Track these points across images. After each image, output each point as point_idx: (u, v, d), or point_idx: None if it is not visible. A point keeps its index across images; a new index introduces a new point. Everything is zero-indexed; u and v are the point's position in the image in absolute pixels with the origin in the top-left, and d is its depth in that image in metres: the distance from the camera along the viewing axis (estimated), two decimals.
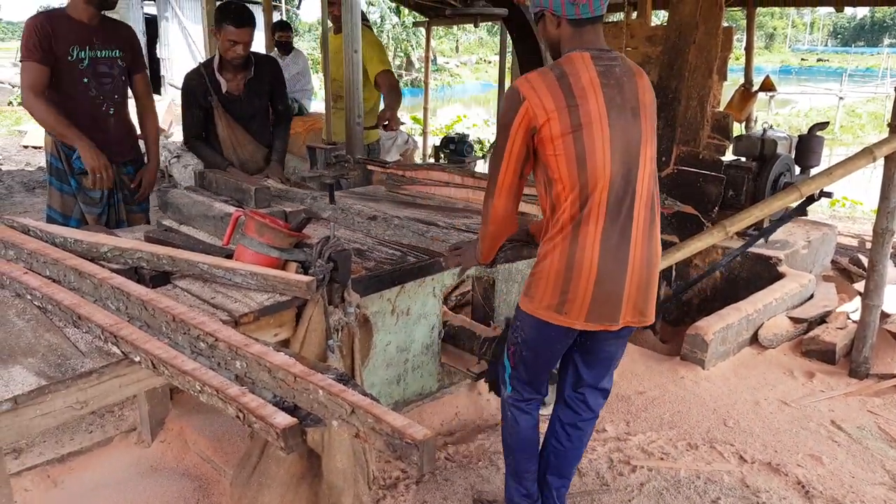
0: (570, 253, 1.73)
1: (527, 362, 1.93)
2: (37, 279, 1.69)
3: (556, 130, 1.66)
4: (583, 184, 1.69)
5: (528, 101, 1.67)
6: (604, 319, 1.78)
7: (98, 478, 2.29)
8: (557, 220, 1.75)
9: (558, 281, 1.75)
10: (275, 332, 1.75)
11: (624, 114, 1.71)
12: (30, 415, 1.31)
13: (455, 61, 28.71)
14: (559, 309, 1.77)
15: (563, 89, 1.66)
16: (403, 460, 1.07)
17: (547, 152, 1.70)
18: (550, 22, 1.75)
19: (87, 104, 2.87)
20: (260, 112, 3.28)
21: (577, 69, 1.69)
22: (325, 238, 1.76)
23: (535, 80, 1.69)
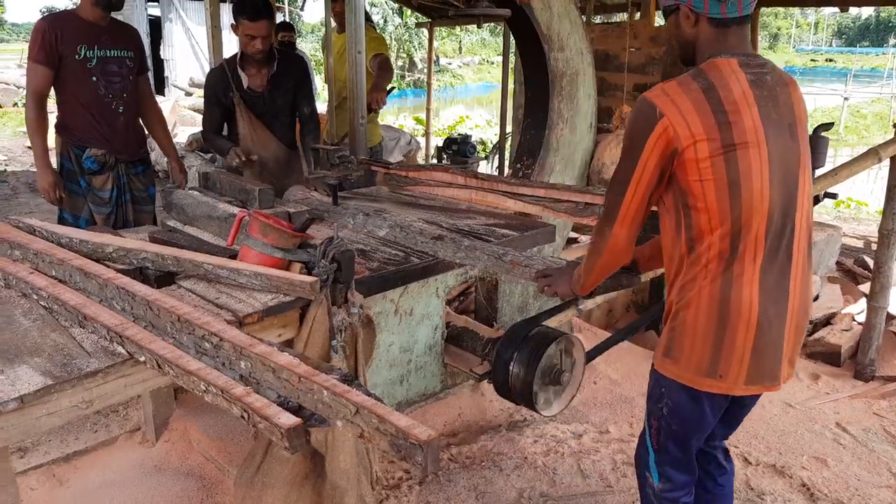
0: (723, 298, 1.45)
1: (677, 437, 1.62)
2: (43, 279, 1.70)
3: (703, 153, 1.40)
4: (736, 215, 1.43)
5: (667, 119, 1.41)
6: (765, 380, 1.50)
7: (103, 477, 2.30)
8: (698, 257, 1.47)
9: (708, 334, 1.47)
10: (279, 333, 1.75)
11: (781, 131, 1.46)
12: (36, 414, 1.32)
13: (458, 62, 28.72)
14: (712, 371, 1.48)
15: (712, 104, 1.40)
16: (408, 461, 1.07)
17: (690, 178, 1.43)
18: (686, 19, 1.49)
19: (96, 102, 2.91)
20: (283, 110, 3.19)
21: (727, 79, 1.43)
22: (329, 239, 1.76)
23: (675, 92, 1.43)
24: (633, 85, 4.28)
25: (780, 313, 1.48)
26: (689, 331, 1.49)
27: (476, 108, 17.63)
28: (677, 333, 1.52)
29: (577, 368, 2.37)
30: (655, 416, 1.63)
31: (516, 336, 2.26)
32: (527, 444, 2.56)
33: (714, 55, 1.47)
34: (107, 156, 2.96)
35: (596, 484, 2.37)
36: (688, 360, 1.50)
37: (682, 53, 1.58)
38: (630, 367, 3.23)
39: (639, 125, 1.46)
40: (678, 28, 1.53)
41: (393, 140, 6.83)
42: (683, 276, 1.51)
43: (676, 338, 1.52)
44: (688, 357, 1.50)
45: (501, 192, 2.62)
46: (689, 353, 1.50)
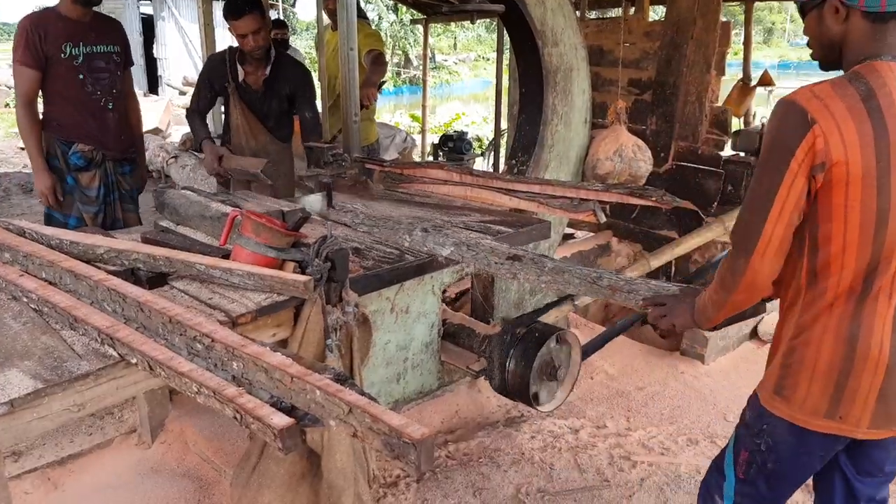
0: (850, 337, 1.31)
1: (770, 478, 1.48)
2: (33, 281, 1.68)
3: (855, 172, 1.21)
4: (877, 248, 1.26)
5: (819, 126, 1.20)
6: (892, 423, 1.37)
7: (98, 480, 2.29)
8: (823, 292, 1.32)
9: (831, 375, 1.33)
10: (273, 332, 1.74)
11: None
12: (27, 418, 1.31)
13: (453, 59, 28.67)
14: (832, 413, 1.35)
15: (872, 116, 1.20)
16: (401, 460, 1.06)
17: (834, 200, 1.25)
18: (834, 13, 1.29)
19: (84, 100, 2.88)
20: (277, 113, 3.20)
21: (889, 87, 1.22)
22: (323, 237, 1.75)
23: (828, 96, 1.22)
24: (628, 80, 4.28)
25: None
26: (808, 370, 1.36)
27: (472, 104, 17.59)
28: (793, 371, 1.38)
29: (573, 364, 2.37)
30: (748, 447, 1.50)
31: (513, 332, 2.26)
32: (524, 439, 2.56)
33: (871, 57, 1.26)
34: (94, 152, 2.93)
35: (593, 478, 2.37)
36: (803, 401, 1.37)
37: (825, 55, 1.37)
38: (626, 361, 3.23)
39: (785, 134, 1.24)
40: (822, 24, 1.32)
41: (388, 137, 6.81)
42: (802, 310, 1.36)
43: (791, 376, 1.38)
44: (803, 397, 1.37)
45: (497, 189, 2.61)
46: (804, 393, 1.37)
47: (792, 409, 1.39)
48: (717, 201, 3.86)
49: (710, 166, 3.90)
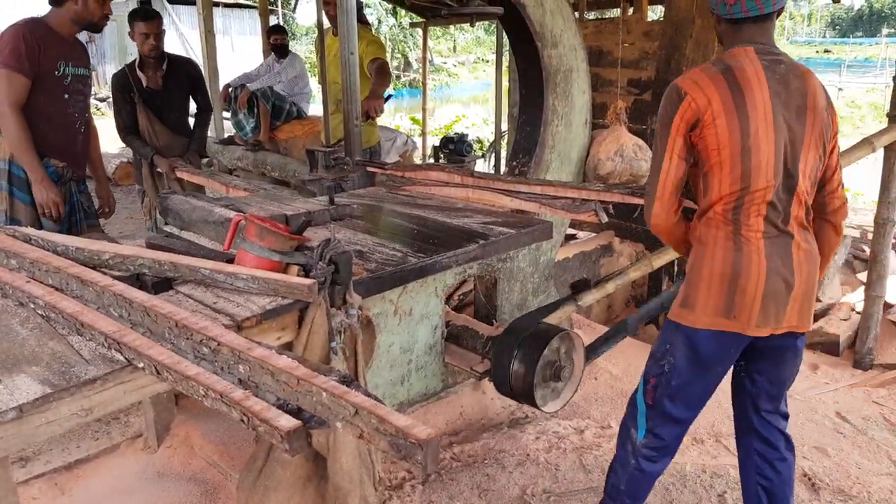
0: (736, 250, 1.64)
1: (675, 394, 1.75)
2: (40, 288, 1.69)
3: (721, 123, 1.60)
4: (745, 176, 1.62)
5: (689, 96, 1.63)
6: (771, 322, 1.67)
7: (105, 484, 2.30)
8: (713, 216, 1.67)
9: (723, 286, 1.65)
10: (277, 336, 1.75)
11: (789, 110, 1.64)
12: (35, 423, 1.32)
13: (452, 61, 28.70)
14: (727, 313, 1.65)
15: (728, 80, 1.62)
16: (408, 461, 1.07)
17: (708, 144, 1.63)
18: (716, 21, 1.78)
19: (63, 120, 2.84)
20: (178, 106, 3.76)
21: (742, 62, 1.64)
22: (326, 240, 1.76)
23: (696, 74, 1.67)
24: (627, 80, 4.28)
25: (787, 268, 1.65)
26: (705, 282, 1.67)
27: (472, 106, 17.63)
28: (693, 285, 1.69)
29: (577, 364, 2.37)
30: (654, 374, 1.78)
31: (516, 333, 2.27)
32: (529, 440, 2.57)
33: (733, 45, 1.71)
34: (65, 169, 2.87)
35: (598, 479, 2.38)
36: (704, 307, 1.67)
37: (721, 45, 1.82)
38: (630, 361, 3.23)
39: (667, 106, 1.68)
40: (715, 25, 1.80)
41: (389, 140, 6.81)
42: (700, 233, 1.70)
43: (692, 288, 1.69)
44: (703, 304, 1.67)
45: (498, 190, 2.62)
46: (704, 301, 1.67)
47: (696, 315, 1.69)
48: None
49: None
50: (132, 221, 5.98)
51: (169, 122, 3.73)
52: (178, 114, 3.81)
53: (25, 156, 2.73)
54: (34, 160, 2.74)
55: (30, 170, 2.75)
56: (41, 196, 2.77)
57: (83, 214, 3.01)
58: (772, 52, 1.68)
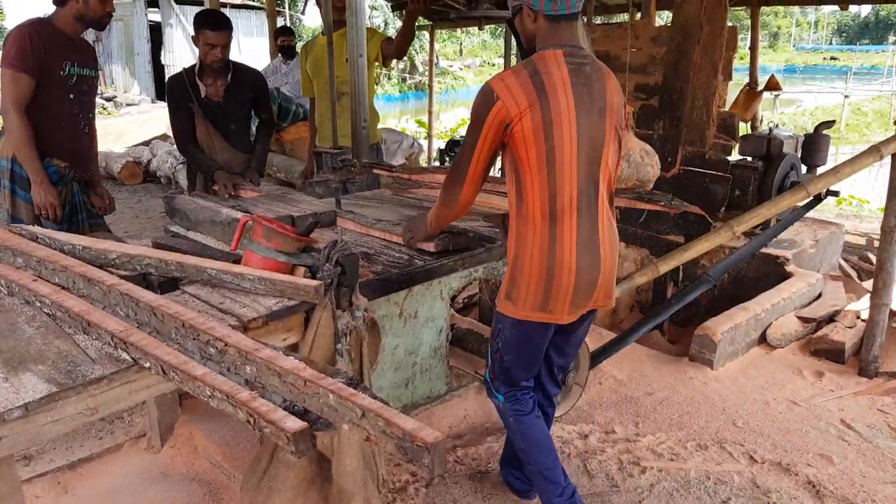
0: (550, 253, 1.78)
1: (510, 366, 1.96)
2: (46, 286, 1.70)
3: (527, 127, 1.70)
4: (552, 179, 1.73)
5: (501, 100, 1.70)
6: (581, 308, 1.87)
7: (108, 484, 2.29)
8: (527, 215, 1.78)
9: (541, 281, 1.80)
10: (283, 337, 1.75)
11: (592, 113, 1.75)
12: (41, 421, 1.32)
13: (459, 64, 28.74)
14: (544, 307, 1.82)
15: (536, 86, 1.69)
16: (414, 463, 1.07)
17: (518, 147, 1.73)
18: (528, 16, 1.78)
19: (68, 120, 2.83)
20: (239, 120, 3.38)
21: (550, 67, 1.72)
22: (333, 242, 1.76)
23: (508, 78, 1.73)
24: (635, 85, 4.28)
25: (595, 260, 1.81)
26: (525, 278, 1.81)
27: None
28: (516, 280, 1.83)
29: (582, 369, 2.37)
30: (493, 350, 1.97)
31: None
32: None
33: (546, 47, 1.75)
34: (67, 169, 2.86)
35: (602, 484, 2.37)
36: (524, 301, 1.82)
37: (527, 45, 1.84)
38: (635, 366, 3.22)
39: (481, 105, 1.75)
40: (522, 25, 1.80)
41: (395, 143, 6.83)
42: (518, 230, 1.81)
43: (515, 283, 1.84)
44: (524, 299, 1.82)
45: (502, 194, 2.62)
46: (524, 296, 1.82)
47: (517, 308, 1.84)
48: (725, 206, 3.86)
49: (718, 171, 3.89)
50: (138, 221, 6.00)
51: (229, 136, 3.35)
52: (240, 128, 3.41)
53: (27, 157, 2.74)
54: (35, 161, 2.74)
55: (30, 171, 2.75)
56: (39, 198, 2.77)
57: (86, 214, 3.01)
58: (579, 54, 1.76)
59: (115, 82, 16.75)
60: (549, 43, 1.76)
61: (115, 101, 14.01)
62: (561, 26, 1.76)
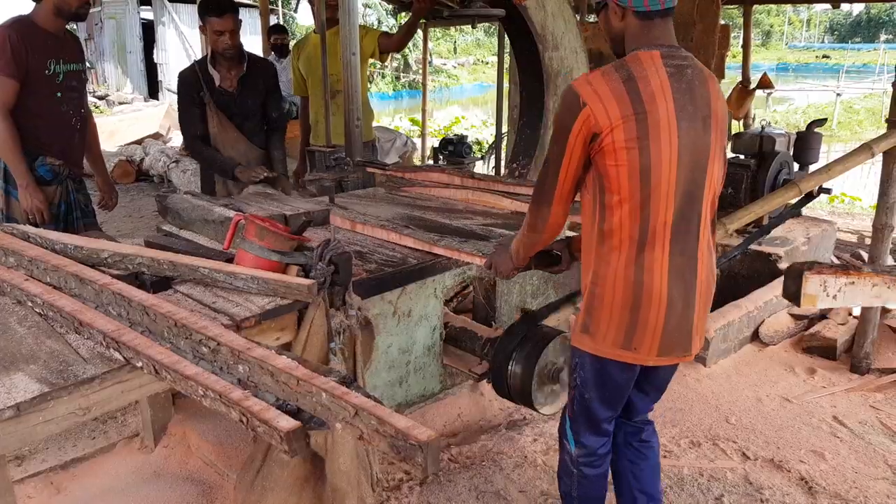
0: (637, 280, 1.56)
1: (591, 407, 1.75)
2: (38, 286, 1.69)
3: (619, 140, 1.49)
4: (645, 199, 1.52)
5: (589, 108, 1.49)
6: (677, 351, 1.62)
7: (101, 484, 2.29)
8: (611, 238, 1.57)
9: (624, 312, 1.58)
10: (276, 336, 1.75)
11: (694, 124, 1.53)
12: (33, 421, 1.31)
13: (452, 63, 28.71)
14: (627, 345, 1.60)
15: (631, 94, 1.48)
16: (408, 462, 1.07)
17: (607, 162, 1.52)
18: (614, 13, 1.57)
19: (58, 119, 2.79)
20: (253, 112, 3.24)
21: (646, 71, 1.50)
22: (326, 241, 1.76)
23: (597, 82, 1.51)
24: None
25: (690, 293, 1.60)
26: (606, 309, 1.60)
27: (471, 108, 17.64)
28: (594, 312, 1.63)
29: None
30: (572, 385, 1.77)
31: (515, 335, 2.27)
32: (526, 442, 2.56)
33: (639, 47, 1.54)
34: (61, 167, 2.83)
35: None
36: (604, 336, 1.62)
37: (614, 47, 1.65)
38: None
39: (565, 113, 1.55)
40: (608, 23, 1.61)
41: (389, 141, 6.82)
42: (598, 255, 1.61)
43: (593, 316, 1.63)
44: (604, 333, 1.61)
45: (498, 192, 2.62)
46: (605, 329, 1.61)
47: (596, 343, 1.64)
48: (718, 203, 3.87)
49: None
50: (130, 220, 5.97)
51: (243, 128, 3.20)
52: (254, 120, 3.25)
53: (13, 161, 2.70)
54: (21, 165, 2.70)
55: (17, 175, 2.72)
56: (26, 202, 2.74)
57: (80, 213, 2.98)
58: (678, 55, 1.55)
59: (108, 81, 16.65)
60: (641, 43, 1.54)
61: (107, 99, 13.94)
62: (654, 24, 1.54)
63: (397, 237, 2.28)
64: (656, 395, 1.85)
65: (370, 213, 2.58)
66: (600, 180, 1.56)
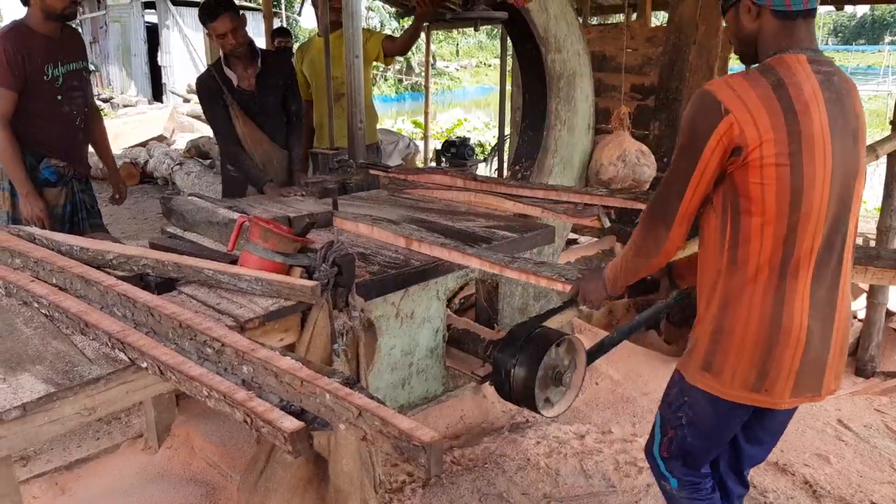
0: (775, 315, 1.39)
1: (694, 448, 1.60)
2: (43, 287, 1.70)
3: (769, 156, 1.31)
4: (793, 223, 1.35)
5: (733, 116, 1.31)
6: (807, 391, 1.46)
7: (106, 484, 2.30)
8: (745, 266, 1.40)
9: (756, 350, 1.41)
10: (280, 337, 1.76)
11: (846, 138, 1.37)
12: (38, 422, 1.32)
13: (455, 65, 28.75)
14: (758, 386, 1.43)
15: (782, 103, 1.31)
16: (411, 463, 1.07)
17: (750, 180, 1.34)
18: (747, 12, 1.41)
19: (60, 122, 2.80)
20: (274, 109, 3.20)
21: (797, 77, 1.33)
22: (330, 242, 1.77)
23: (741, 86, 1.33)
24: (630, 86, 4.29)
25: (828, 328, 1.43)
26: (735, 344, 1.42)
27: (474, 110, 17.65)
28: (721, 347, 1.44)
29: (578, 369, 2.37)
30: (672, 425, 1.58)
31: (517, 337, 2.27)
32: (529, 445, 2.56)
33: (781, 50, 1.38)
34: (66, 168, 2.84)
35: (599, 484, 2.37)
36: (732, 376, 1.44)
37: (743, 49, 1.49)
38: (631, 366, 3.23)
39: (701, 120, 1.35)
40: (738, 22, 1.44)
41: (391, 144, 6.83)
42: (726, 285, 1.43)
43: (719, 352, 1.44)
44: (731, 372, 1.44)
45: (500, 194, 2.62)
46: (732, 368, 1.43)
47: (721, 385, 1.46)
48: None
49: None
50: (135, 222, 5.99)
51: (266, 128, 3.16)
52: (275, 119, 3.21)
53: (12, 170, 2.71)
54: (21, 174, 2.71)
55: (16, 183, 2.73)
56: (26, 211, 2.75)
57: (86, 213, 3.00)
58: (824, 62, 1.38)
59: (113, 84, 16.74)
60: (782, 46, 1.38)
61: (111, 102, 14.00)
62: (797, 25, 1.38)
63: (460, 256, 2.08)
64: (771, 443, 1.66)
65: (376, 214, 2.59)
66: (735, 200, 1.38)
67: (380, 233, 2.23)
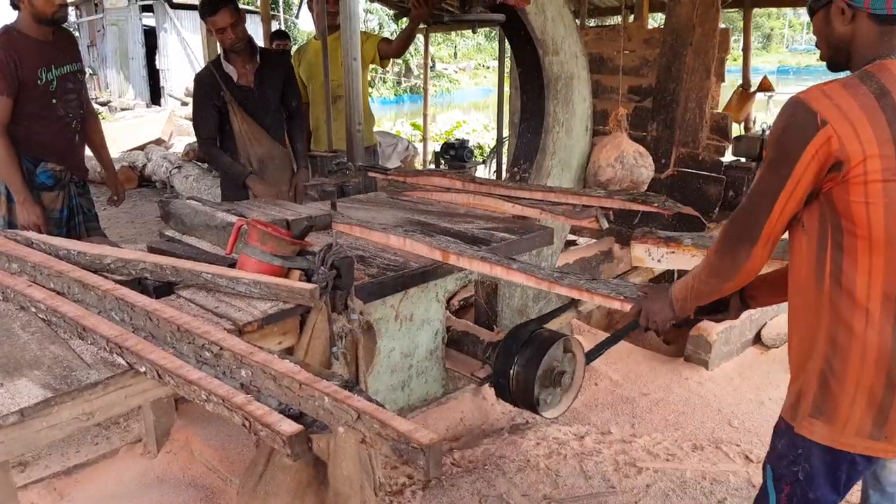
0: (894, 349, 1.24)
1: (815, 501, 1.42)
2: (41, 291, 1.70)
3: (874, 172, 1.19)
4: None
5: (831, 127, 1.19)
6: None
7: (104, 490, 2.29)
8: (854, 296, 1.26)
9: (874, 396, 1.26)
10: (279, 340, 1.75)
11: None
12: (36, 427, 1.32)
13: (453, 67, 28.78)
14: (877, 434, 1.28)
15: (888, 113, 1.20)
16: (410, 465, 1.07)
17: (852, 198, 1.22)
18: (839, 15, 1.30)
19: (56, 125, 2.79)
20: (273, 106, 3.22)
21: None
22: (328, 245, 1.77)
23: (840, 96, 1.21)
24: (628, 87, 4.30)
25: None
26: (850, 388, 1.28)
27: (472, 112, 17.66)
28: (832, 390, 1.30)
29: (577, 370, 2.37)
30: (788, 480, 1.42)
31: (517, 339, 2.27)
32: (529, 446, 2.56)
33: (881, 57, 1.27)
34: (63, 172, 2.84)
35: (598, 485, 2.37)
36: (845, 422, 1.29)
37: (832, 55, 1.38)
38: (630, 367, 3.23)
39: (793, 133, 1.23)
40: (828, 25, 1.33)
41: (390, 146, 6.84)
42: (832, 318, 1.29)
43: (830, 395, 1.30)
44: (845, 418, 1.29)
45: (499, 196, 2.62)
46: (846, 413, 1.29)
47: (834, 433, 1.31)
48: (719, 207, 3.87)
49: (712, 172, 3.91)
50: (133, 226, 5.99)
51: (266, 125, 3.18)
52: (275, 115, 3.22)
53: (9, 176, 2.71)
54: (18, 181, 2.70)
55: (13, 190, 2.72)
56: (23, 218, 2.74)
57: (83, 217, 2.99)
58: None
59: (110, 87, 16.74)
60: (882, 52, 1.27)
61: (109, 105, 14.00)
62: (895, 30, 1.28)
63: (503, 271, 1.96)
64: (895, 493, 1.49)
65: (376, 218, 2.59)
66: (836, 220, 1.26)
67: (412, 245, 2.17)
